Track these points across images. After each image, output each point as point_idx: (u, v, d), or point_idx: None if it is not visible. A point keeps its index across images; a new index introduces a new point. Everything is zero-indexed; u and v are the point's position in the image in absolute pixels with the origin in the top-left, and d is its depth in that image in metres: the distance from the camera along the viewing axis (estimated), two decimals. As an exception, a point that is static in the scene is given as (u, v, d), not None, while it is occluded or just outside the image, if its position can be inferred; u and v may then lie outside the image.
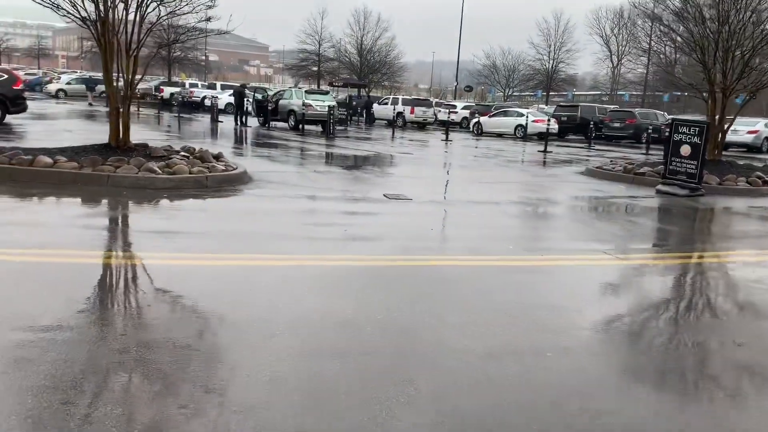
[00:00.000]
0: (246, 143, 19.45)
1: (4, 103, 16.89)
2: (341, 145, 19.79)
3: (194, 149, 10.85)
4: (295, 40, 63.68)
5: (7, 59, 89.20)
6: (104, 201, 7.96)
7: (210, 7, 9.93)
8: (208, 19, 9.94)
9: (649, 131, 28.73)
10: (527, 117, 30.29)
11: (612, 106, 40.49)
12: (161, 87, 43.80)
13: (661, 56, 71.79)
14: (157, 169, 8.99)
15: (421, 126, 35.45)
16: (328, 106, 23.25)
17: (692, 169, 11.76)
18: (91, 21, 9.03)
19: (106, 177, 8.58)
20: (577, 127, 33.91)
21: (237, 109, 26.92)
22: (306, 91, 26.65)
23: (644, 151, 24.37)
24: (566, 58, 68.56)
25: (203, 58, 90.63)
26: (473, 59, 78.47)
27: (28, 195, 7.84)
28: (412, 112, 34.83)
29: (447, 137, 24.86)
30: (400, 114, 34.75)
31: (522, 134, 30.06)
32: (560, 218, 9.43)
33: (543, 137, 30.24)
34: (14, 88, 17.24)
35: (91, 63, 61.38)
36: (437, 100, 52.90)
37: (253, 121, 26.97)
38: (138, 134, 18.40)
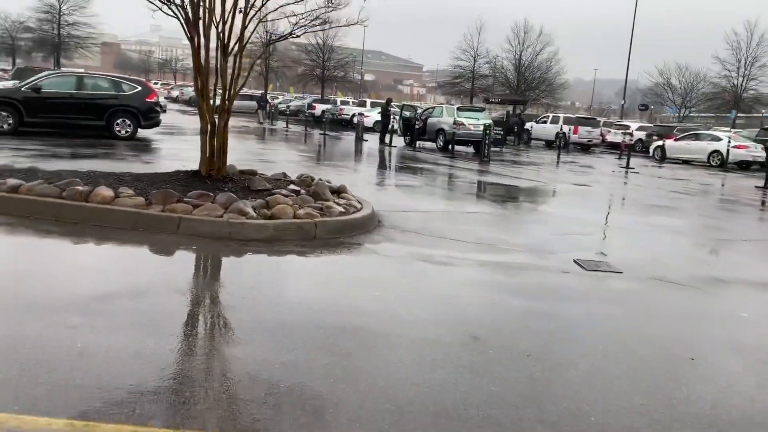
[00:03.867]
0: (386, 167, 16.82)
1: (137, 116, 15.71)
2: (498, 171, 16.50)
3: (311, 179, 8.22)
4: (450, 57, 61.25)
5: (182, 77, 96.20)
6: (155, 264, 5.44)
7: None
8: (330, 3, 7.27)
9: None
10: (727, 142, 24.89)
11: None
12: (314, 104, 43.34)
13: None
14: (250, 210, 6.39)
15: (585, 148, 31.08)
16: (483, 125, 20.05)
17: None
18: (178, 3, 6.69)
19: (177, 220, 6.09)
20: (788, 153, 27.78)
21: (383, 127, 24.69)
22: (458, 108, 23.68)
23: None
24: (760, 74, 59.53)
25: (359, 77, 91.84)
26: (641, 76, 71.45)
27: (57, 249, 5.54)
28: (575, 132, 31.04)
29: (628, 164, 20.56)
30: (561, 134, 31.04)
31: (719, 162, 24.83)
32: None
33: (745, 167, 24.94)
34: (147, 100, 16.02)
35: (257, 81, 63.62)
36: (604, 119, 47.55)
37: (399, 141, 24.53)
38: (268, 153, 16.75)
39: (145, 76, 79.15)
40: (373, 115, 32.93)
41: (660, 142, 28.07)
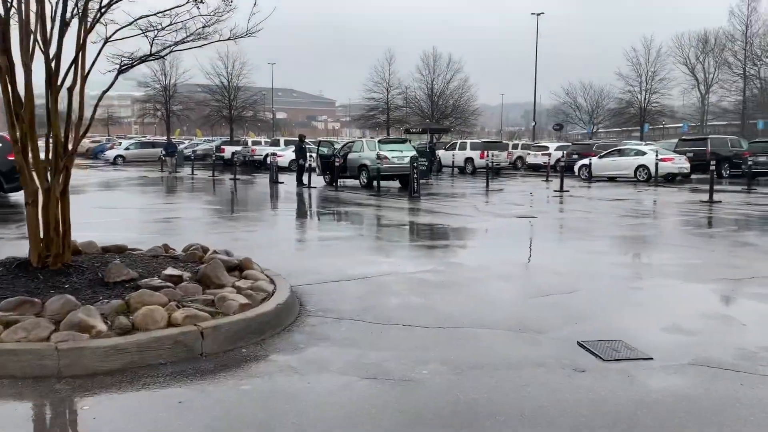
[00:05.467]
0: (306, 214, 14.69)
1: (-3, 179, 12.91)
2: (432, 207, 14.72)
3: (202, 253, 5.99)
4: (362, 89, 60.10)
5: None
6: None
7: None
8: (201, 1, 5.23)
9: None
10: (653, 155, 24.45)
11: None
12: (222, 147, 40.70)
13: (757, 80, 64.47)
14: (99, 321, 4.11)
15: (496, 172, 30.93)
16: (410, 158, 18.32)
17: None
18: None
19: (-34, 357, 3.74)
20: (707, 165, 27.80)
21: (299, 167, 22.59)
22: (380, 141, 21.94)
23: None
24: (660, 87, 61.82)
25: (270, 116, 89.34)
26: (545, 97, 73.36)
27: None
28: (482, 156, 30.71)
29: (562, 187, 19.34)
30: (469, 159, 31.81)
31: (646, 177, 24.36)
32: None
33: (671, 179, 24.52)
34: (9, 158, 13.24)
35: (161, 126, 60.02)
36: (522, 142, 47.44)
37: (318, 180, 22.51)
38: (163, 211, 13.72)
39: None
40: (287, 154, 30.84)
41: (585, 161, 27.41)
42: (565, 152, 33.93)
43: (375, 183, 19.37)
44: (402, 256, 8.50)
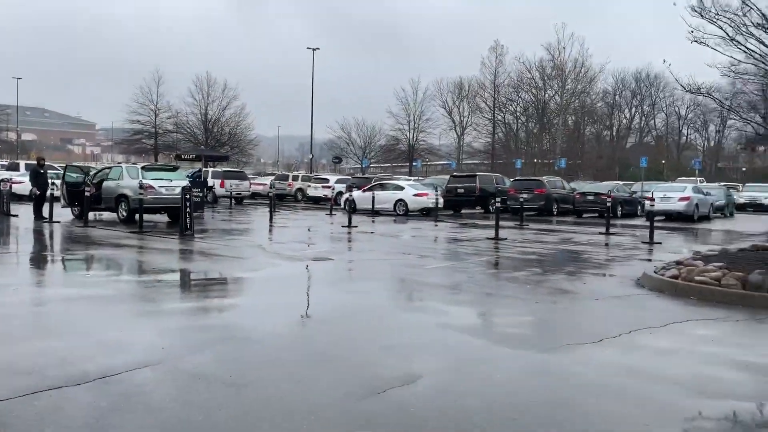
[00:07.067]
0: (34, 262, 11.24)
1: None
2: (210, 249, 12.26)
3: None
4: (127, 111, 54.27)
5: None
6: None
7: None
8: None
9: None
10: (411, 191, 25.37)
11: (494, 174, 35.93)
12: (-60, 172, 32.83)
13: (504, 125, 72.78)
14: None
15: (239, 201, 31.93)
16: (182, 188, 15.54)
17: None
18: None
19: None
20: (477, 200, 29.25)
21: (37, 197, 18.32)
22: (143, 168, 18.64)
23: (605, 228, 19.53)
24: (426, 127, 66.00)
25: (14, 136, 76.97)
26: (320, 131, 74.23)
27: None
28: (222, 185, 31.57)
29: (350, 222, 18.07)
30: (209, 188, 30.74)
31: (403, 210, 24.94)
32: None
33: (426, 213, 24.93)
34: None
35: None
36: (302, 173, 46.33)
37: (66, 213, 18.47)
38: None
39: None
40: (27, 181, 25.54)
41: (347, 195, 27.04)
42: (346, 185, 33.37)
43: (137, 217, 16.16)
44: (167, 330, 6.06)
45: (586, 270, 10.47)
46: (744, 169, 65.66)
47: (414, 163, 61.84)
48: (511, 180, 32.00)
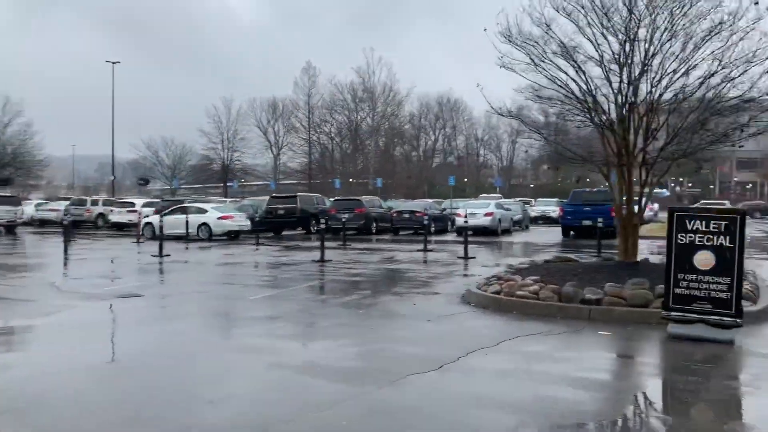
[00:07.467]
0: None
1: None
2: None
3: None
4: None
5: None
6: None
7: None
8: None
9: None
10: (215, 214, 24.47)
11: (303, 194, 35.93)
12: None
13: (320, 145, 73.81)
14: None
15: (9, 230, 28.51)
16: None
17: (722, 290, 6.91)
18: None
19: None
20: (298, 221, 28.86)
21: None
22: None
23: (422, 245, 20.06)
24: (241, 146, 64.22)
25: None
26: (123, 150, 69.17)
27: None
28: None
29: (161, 252, 16.51)
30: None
31: (207, 234, 23.90)
32: None
33: (234, 237, 24.09)
34: None
35: None
36: (103, 198, 42.15)
37: None
38: None
39: None
40: None
41: (148, 219, 25.23)
42: (155, 209, 31.01)
43: None
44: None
45: (414, 289, 10.48)
46: (532, 185, 73.20)
47: (230, 184, 59.81)
48: (332, 200, 32.15)
